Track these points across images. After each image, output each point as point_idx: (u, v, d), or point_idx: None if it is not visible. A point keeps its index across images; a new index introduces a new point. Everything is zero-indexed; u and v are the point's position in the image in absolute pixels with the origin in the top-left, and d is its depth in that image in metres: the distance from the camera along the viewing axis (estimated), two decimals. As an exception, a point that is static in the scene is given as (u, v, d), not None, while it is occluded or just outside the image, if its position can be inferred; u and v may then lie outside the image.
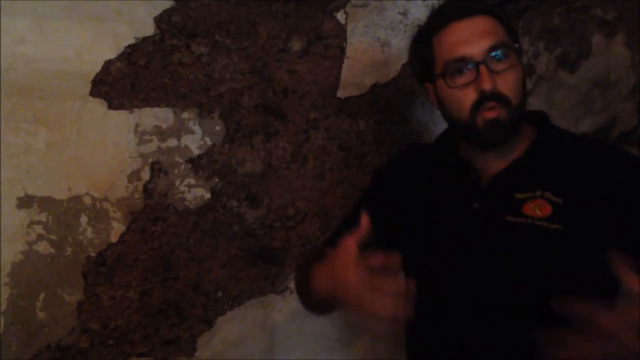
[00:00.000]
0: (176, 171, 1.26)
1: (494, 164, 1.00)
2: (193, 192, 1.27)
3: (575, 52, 1.51)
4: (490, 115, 0.95)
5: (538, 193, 0.94)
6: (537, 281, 0.90)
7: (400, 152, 1.24)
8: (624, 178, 0.92)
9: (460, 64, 0.96)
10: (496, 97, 0.94)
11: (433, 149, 1.13)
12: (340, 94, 1.38)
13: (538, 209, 0.93)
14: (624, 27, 1.50)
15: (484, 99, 0.95)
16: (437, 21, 1.02)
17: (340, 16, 1.37)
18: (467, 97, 0.96)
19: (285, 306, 1.35)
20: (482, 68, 0.94)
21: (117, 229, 1.22)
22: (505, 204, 0.95)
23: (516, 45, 0.98)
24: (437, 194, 1.05)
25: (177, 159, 1.26)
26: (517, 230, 0.92)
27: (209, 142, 1.28)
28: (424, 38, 1.04)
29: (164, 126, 1.25)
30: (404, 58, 1.41)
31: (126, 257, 1.22)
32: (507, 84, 0.95)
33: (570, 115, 1.52)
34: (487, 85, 0.94)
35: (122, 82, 1.22)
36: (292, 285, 1.35)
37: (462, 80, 0.97)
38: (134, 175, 1.23)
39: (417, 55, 1.06)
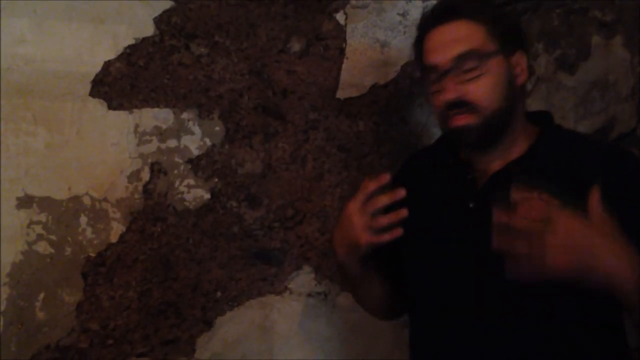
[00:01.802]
0: (176, 172, 1.26)
1: (493, 164, 1.00)
2: (193, 192, 1.28)
3: (574, 54, 1.52)
4: (456, 123, 0.96)
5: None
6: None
7: (405, 160, 1.24)
8: (623, 182, 0.91)
9: (432, 72, 0.98)
10: (463, 104, 0.95)
11: (433, 151, 1.13)
12: (340, 94, 1.38)
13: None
14: (623, 28, 1.51)
15: (448, 107, 0.96)
16: (422, 27, 1.03)
17: (339, 17, 1.37)
18: (438, 104, 0.98)
19: (284, 307, 1.35)
20: (446, 78, 0.95)
21: (117, 229, 1.22)
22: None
23: (491, 50, 0.96)
24: (435, 195, 1.06)
25: (177, 159, 1.27)
26: None
27: (208, 142, 1.29)
28: (418, 41, 1.05)
29: (164, 127, 1.25)
30: (403, 59, 1.41)
31: (126, 257, 1.23)
32: (477, 90, 0.94)
33: (570, 116, 1.53)
34: (448, 96, 0.95)
35: (121, 83, 1.22)
36: (291, 285, 1.35)
37: (435, 87, 0.98)
38: (134, 176, 1.23)
39: (416, 57, 1.07)
